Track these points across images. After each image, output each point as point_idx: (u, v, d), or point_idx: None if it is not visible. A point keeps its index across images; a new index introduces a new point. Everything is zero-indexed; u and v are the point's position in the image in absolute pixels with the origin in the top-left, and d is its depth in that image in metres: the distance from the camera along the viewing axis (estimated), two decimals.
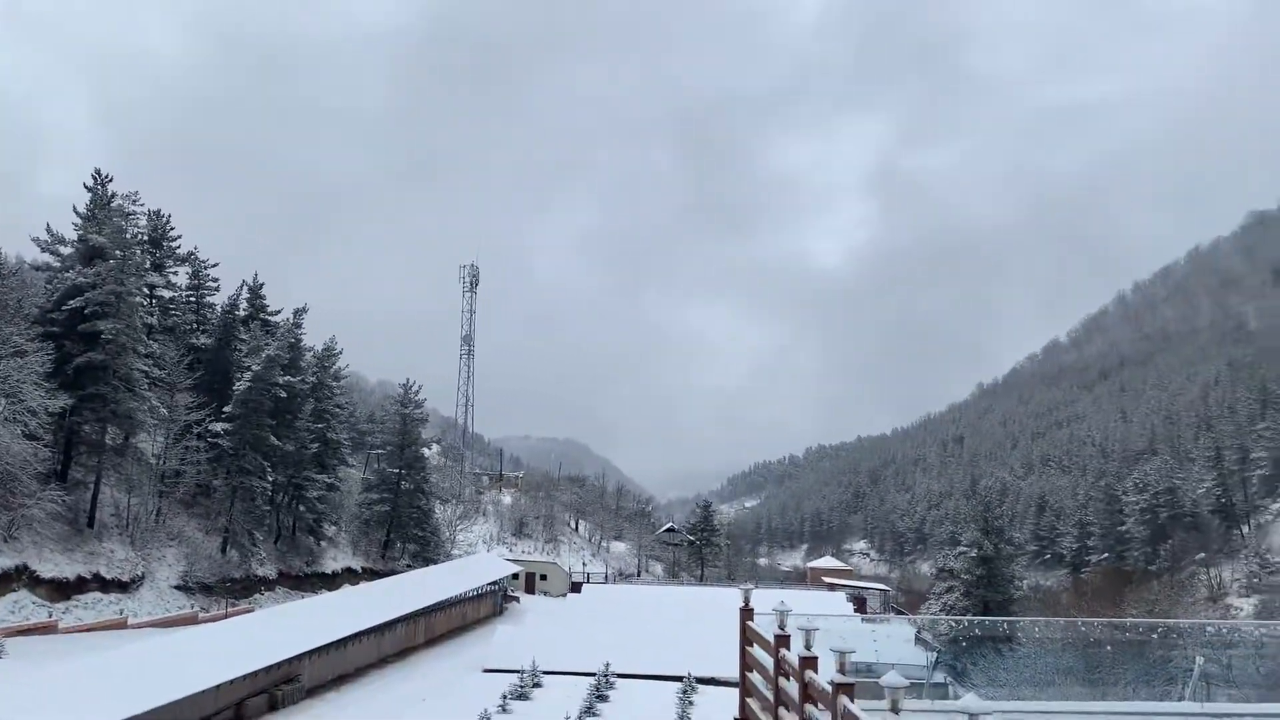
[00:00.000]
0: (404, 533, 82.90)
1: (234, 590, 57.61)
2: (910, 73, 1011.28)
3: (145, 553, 53.26)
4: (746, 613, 15.89)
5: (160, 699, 26.53)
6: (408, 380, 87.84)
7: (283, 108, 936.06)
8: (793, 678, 11.99)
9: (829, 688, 9.80)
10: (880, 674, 9.72)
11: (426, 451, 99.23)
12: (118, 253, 53.55)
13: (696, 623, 46.47)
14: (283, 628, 38.74)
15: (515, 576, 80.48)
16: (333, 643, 39.20)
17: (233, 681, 31.18)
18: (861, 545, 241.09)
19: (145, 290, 62.66)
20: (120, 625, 45.14)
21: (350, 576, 73.69)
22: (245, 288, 74.22)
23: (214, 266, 72.64)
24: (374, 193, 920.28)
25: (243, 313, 72.67)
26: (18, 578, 44.04)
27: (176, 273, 70.35)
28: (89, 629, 43.22)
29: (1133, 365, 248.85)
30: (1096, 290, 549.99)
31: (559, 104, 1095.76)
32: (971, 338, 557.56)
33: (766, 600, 15.15)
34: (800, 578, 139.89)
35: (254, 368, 62.11)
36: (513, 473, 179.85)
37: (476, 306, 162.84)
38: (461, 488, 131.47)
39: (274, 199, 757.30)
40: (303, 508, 70.87)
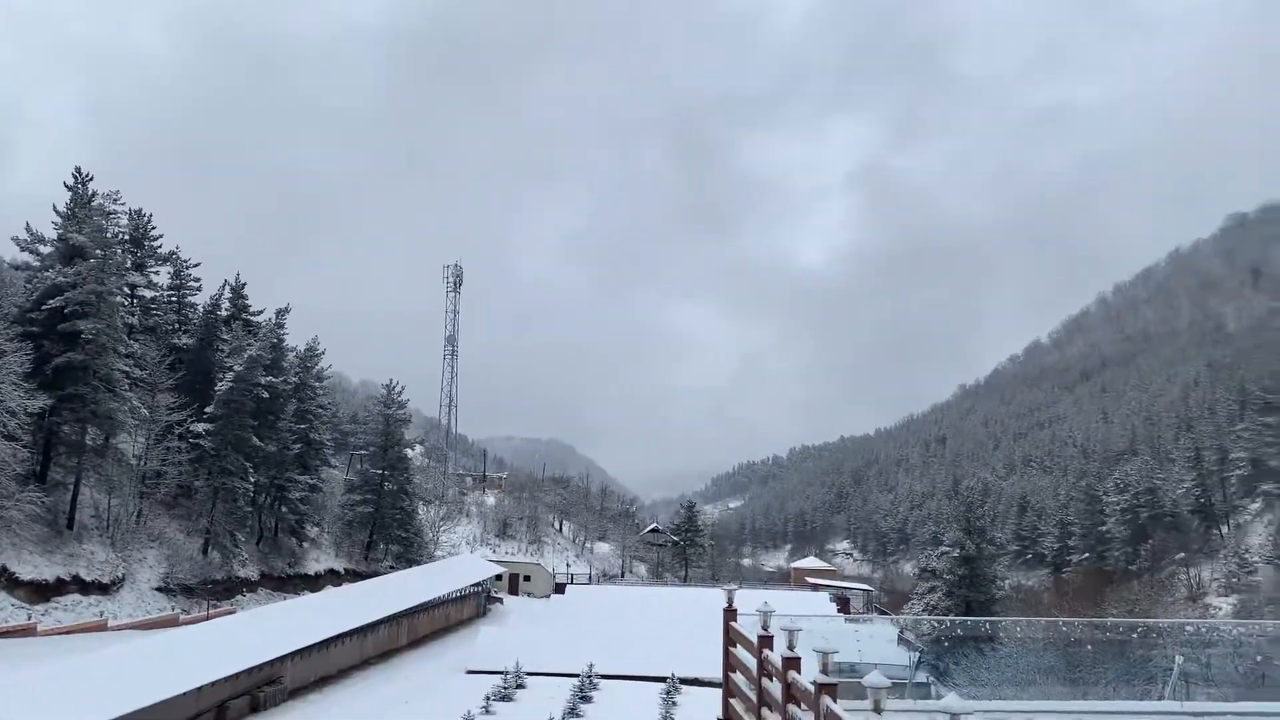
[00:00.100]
0: (387, 534, 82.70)
1: (216, 592, 57.29)
2: (896, 74, 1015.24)
3: (126, 554, 52.87)
4: (730, 613, 15.92)
5: (141, 701, 26.36)
6: (391, 381, 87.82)
7: (271, 107, 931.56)
8: (776, 678, 12.02)
9: (812, 688, 9.83)
10: (863, 674, 9.75)
11: (410, 452, 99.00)
12: (98, 252, 53.14)
13: (680, 623, 46.52)
14: (265, 629, 38.57)
15: (499, 578, 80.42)
16: (315, 644, 39.07)
17: (214, 683, 31.00)
18: (845, 545, 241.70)
19: (126, 290, 62.30)
20: (100, 627, 44.78)
21: (333, 578, 73.43)
22: (227, 287, 73.85)
23: (195, 266, 72.28)
24: (361, 192, 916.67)
25: (225, 313, 72.30)
26: None
27: (158, 272, 69.86)
28: (68, 631, 42.86)
29: (1114, 366, 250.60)
30: (1078, 291, 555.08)
31: (545, 104, 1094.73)
32: (954, 338, 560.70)
33: (750, 601, 15.19)
34: (784, 578, 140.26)
35: (236, 368, 61.80)
36: (496, 473, 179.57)
37: (460, 306, 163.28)
38: (445, 489, 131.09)
39: (260, 198, 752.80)
40: (285, 509, 70.56)
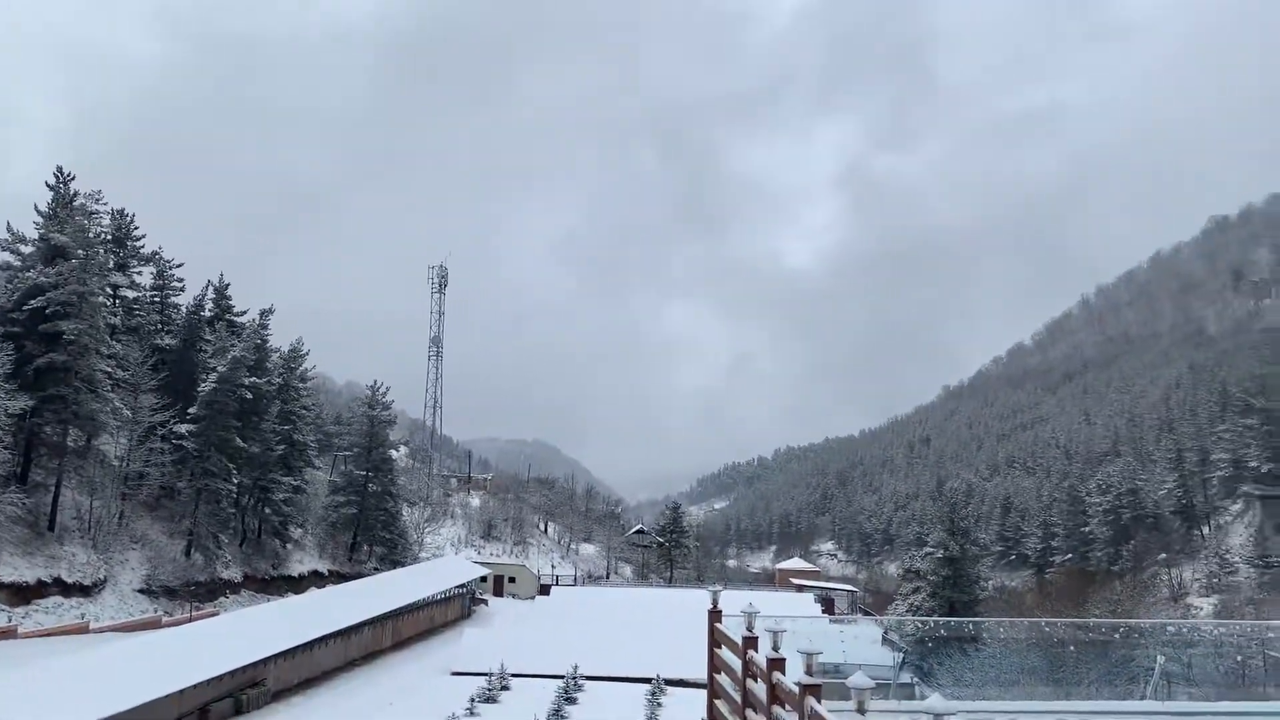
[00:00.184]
0: (371, 535, 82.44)
1: (198, 594, 56.97)
2: (882, 76, 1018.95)
3: (107, 556, 52.53)
4: (715, 614, 15.94)
5: (123, 704, 26.22)
6: (375, 382, 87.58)
7: (255, 107, 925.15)
8: (760, 679, 12.05)
9: (796, 689, 9.86)
10: (847, 675, 9.79)
11: (394, 453, 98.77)
12: (80, 252, 52.81)
13: (665, 625, 46.52)
14: (248, 631, 38.39)
15: (483, 579, 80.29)
16: (299, 646, 38.94)
17: (197, 685, 30.87)
18: (829, 546, 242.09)
19: (108, 290, 61.94)
20: (82, 630, 44.43)
21: (317, 579, 73.14)
22: (211, 288, 73.46)
23: (179, 266, 71.82)
24: (346, 193, 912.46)
25: (208, 313, 71.93)
26: None
27: (141, 273, 69.37)
28: (49, 634, 42.47)
29: (1096, 368, 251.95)
30: (1060, 294, 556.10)
31: (532, 104, 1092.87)
32: (938, 340, 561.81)
33: (735, 602, 15.20)
34: (769, 579, 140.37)
35: (219, 369, 61.50)
36: (481, 475, 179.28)
37: (446, 308, 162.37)
38: (429, 490, 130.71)
39: (244, 199, 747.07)
40: (268, 510, 70.25)
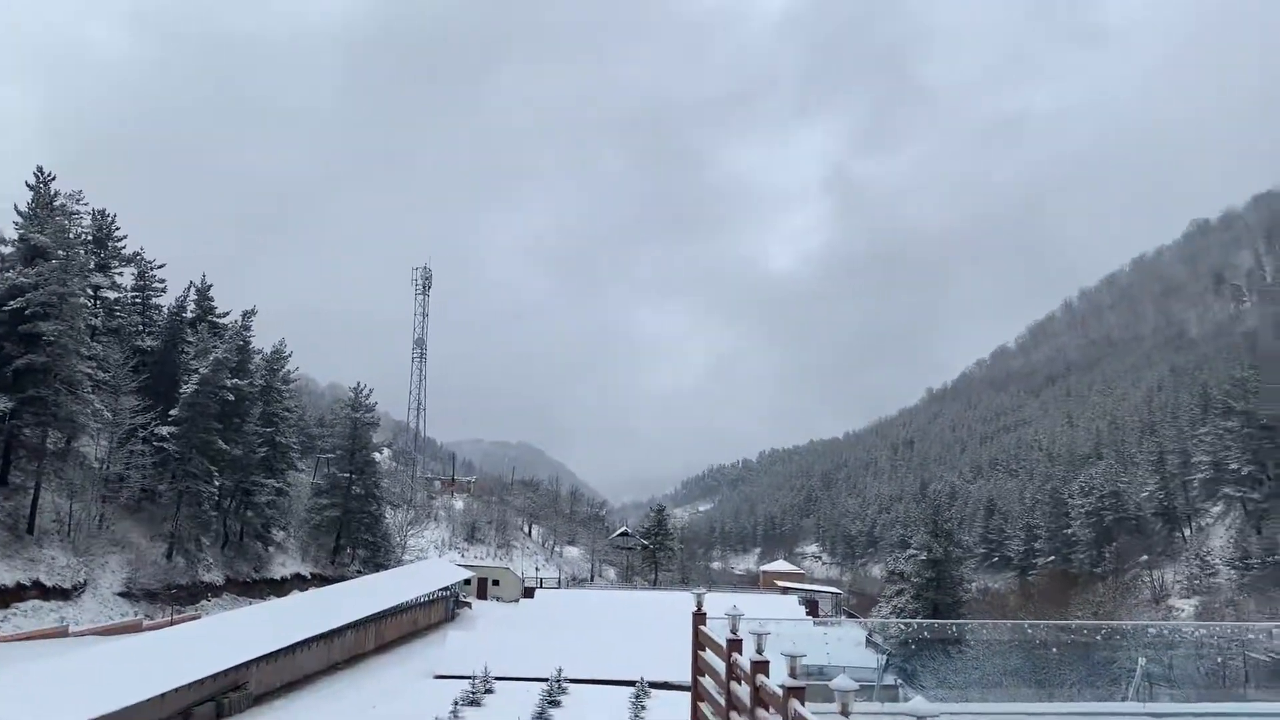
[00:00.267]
0: (354, 538, 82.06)
1: (180, 597, 56.60)
2: (863, 80, 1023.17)
3: (87, 559, 52.12)
4: (699, 617, 15.94)
5: (103, 708, 26.02)
6: (359, 384, 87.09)
7: (236, 108, 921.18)
8: (744, 682, 12.03)
9: (780, 691, 9.85)
10: (831, 677, 9.77)
11: (377, 456, 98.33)
12: (60, 253, 52.43)
13: (649, 627, 46.44)
14: (229, 634, 38.11)
15: (467, 582, 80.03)
16: (281, 649, 38.68)
17: (178, 689, 30.63)
18: (814, 549, 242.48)
19: (89, 291, 61.37)
20: (61, 634, 44.09)
21: (299, 582, 72.77)
22: (193, 289, 73.06)
23: (160, 267, 71.37)
24: (328, 194, 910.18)
25: (190, 314, 71.50)
26: None
27: (122, 273, 68.88)
28: (28, 637, 42.10)
29: (1079, 371, 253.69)
30: (1044, 297, 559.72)
31: (514, 105, 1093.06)
32: (922, 343, 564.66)
33: (719, 604, 15.20)
34: (753, 581, 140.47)
35: (201, 370, 61.12)
36: (465, 477, 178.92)
37: (430, 309, 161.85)
38: (413, 492, 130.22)
39: (227, 199, 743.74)
40: (251, 513, 69.82)
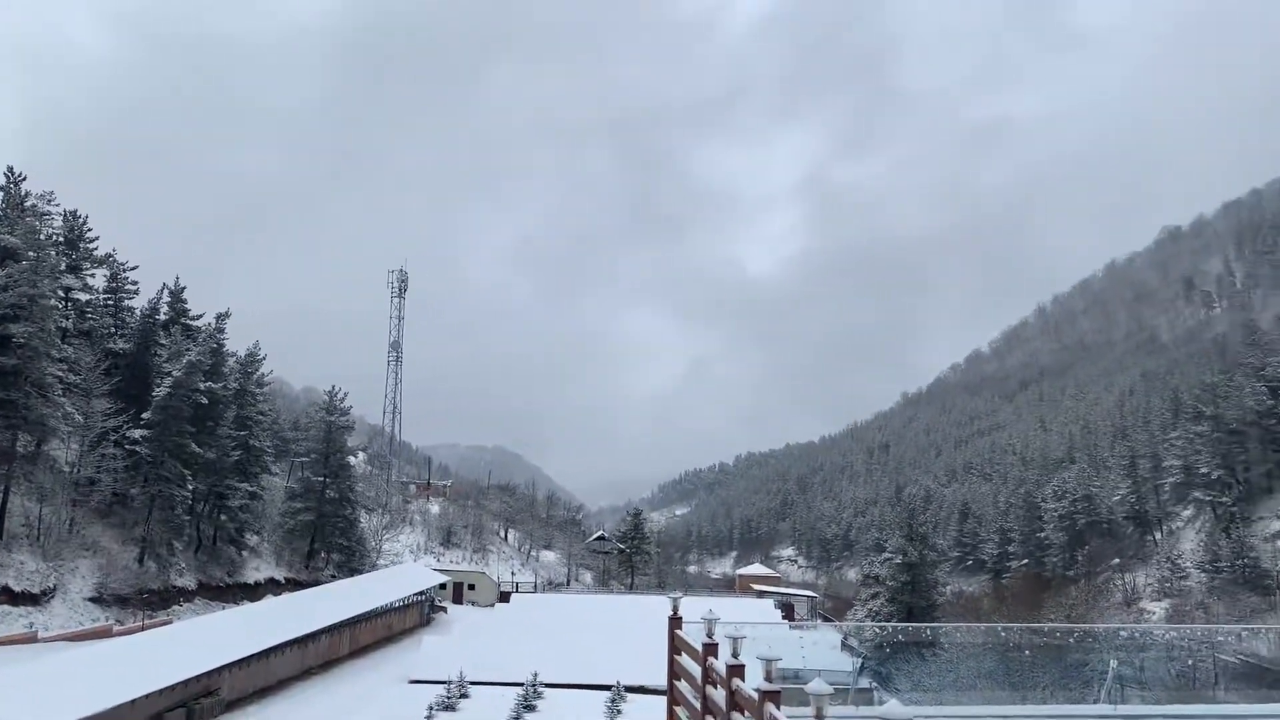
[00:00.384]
0: (329, 542, 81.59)
1: (151, 602, 56.03)
2: (843, 85, 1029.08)
3: (57, 564, 51.52)
4: (675, 621, 15.93)
5: (72, 715, 25.73)
6: (334, 387, 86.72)
7: (212, 109, 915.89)
8: (720, 686, 12.04)
9: (756, 695, 9.86)
10: (807, 681, 9.79)
11: (352, 459, 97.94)
12: (31, 254, 51.94)
13: (626, 631, 46.44)
14: (202, 640, 37.80)
15: (443, 586, 79.63)
16: (254, 655, 38.39)
17: (149, 695, 30.36)
18: (790, 552, 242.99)
19: (60, 293, 60.81)
20: (30, 639, 43.56)
21: (273, 587, 72.22)
22: (166, 291, 72.48)
23: (133, 269, 70.87)
24: (305, 196, 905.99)
25: (163, 317, 70.93)
26: None
27: (94, 275, 68.25)
28: None
29: (1052, 375, 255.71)
30: (1017, 302, 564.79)
31: (493, 109, 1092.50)
32: (897, 347, 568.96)
33: (696, 608, 15.18)
34: (729, 585, 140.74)
35: (174, 373, 60.61)
36: (441, 481, 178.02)
37: (406, 312, 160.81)
38: (388, 496, 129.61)
39: (201, 201, 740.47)
40: (224, 517, 69.28)
